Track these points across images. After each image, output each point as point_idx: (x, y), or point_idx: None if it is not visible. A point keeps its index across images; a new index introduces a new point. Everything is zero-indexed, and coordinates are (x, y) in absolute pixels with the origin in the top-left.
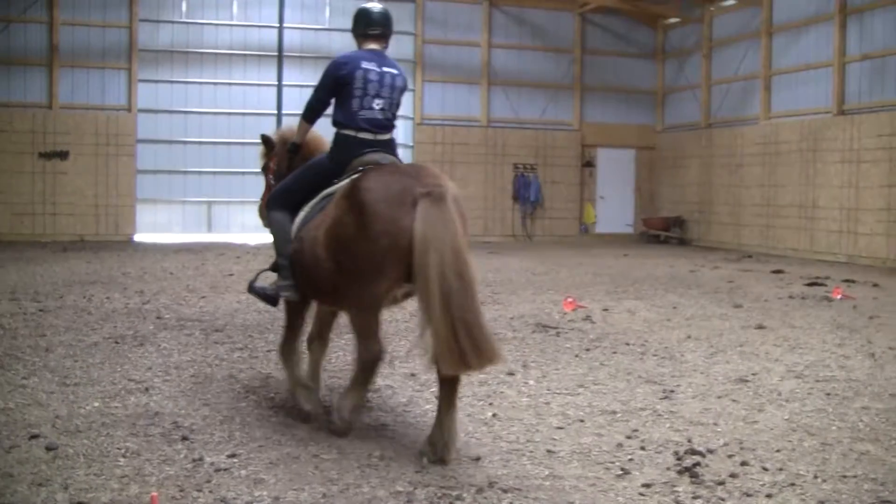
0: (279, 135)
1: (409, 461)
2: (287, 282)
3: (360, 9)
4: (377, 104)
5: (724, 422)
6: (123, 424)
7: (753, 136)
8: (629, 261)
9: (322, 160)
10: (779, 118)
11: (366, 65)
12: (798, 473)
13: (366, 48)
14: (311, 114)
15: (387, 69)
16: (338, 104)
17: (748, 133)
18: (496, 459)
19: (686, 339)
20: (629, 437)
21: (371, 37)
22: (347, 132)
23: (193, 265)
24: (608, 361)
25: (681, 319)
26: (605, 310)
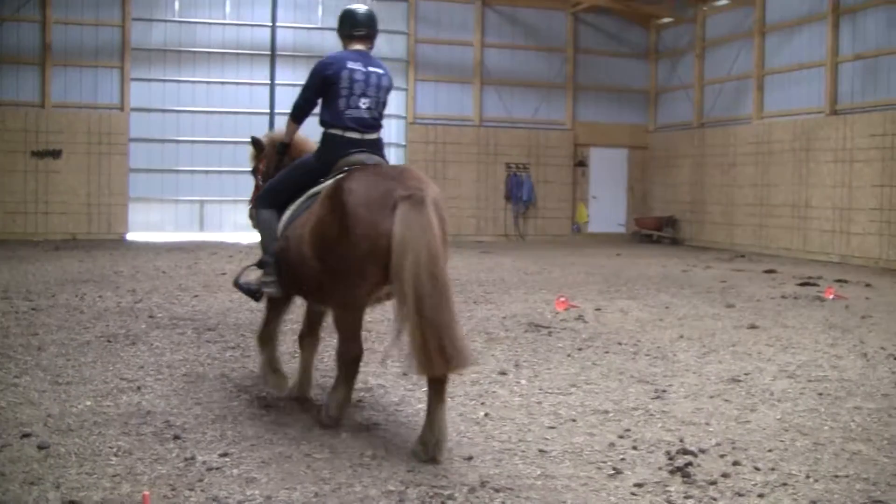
0: (268, 137)
1: (401, 460)
2: (271, 279)
3: (346, 10)
4: (363, 103)
5: (717, 421)
6: (115, 423)
7: (746, 136)
8: (621, 260)
9: (309, 159)
10: (772, 118)
11: (351, 65)
12: (790, 473)
13: (351, 49)
14: (299, 114)
15: (372, 69)
16: (324, 104)
17: (741, 133)
18: (488, 459)
19: (678, 339)
20: (621, 437)
21: (356, 37)
22: (335, 131)
23: (186, 264)
24: (600, 361)
25: (673, 319)
26: (598, 309)
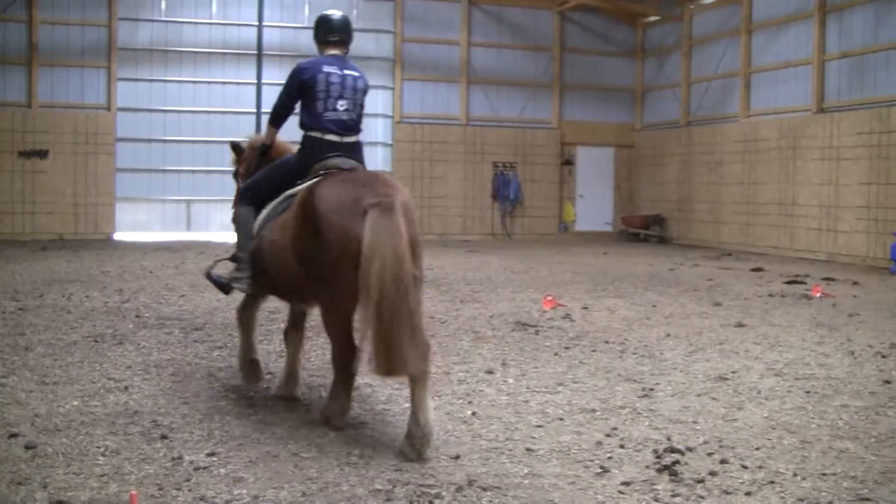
0: (248, 142)
1: (389, 459)
2: (243, 275)
3: (321, 16)
4: (341, 105)
5: (704, 420)
6: (103, 423)
7: (733, 134)
8: (609, 259)
9: (290, 160)
10: (758, 116)
11: (327, 68)
12: (777, 471)
13: (327, 54)
14: (277, 118)
15: (348, 72)
16: (303, 107)
17: (728, 131)
18: (475, 458)
19: (665, 338)
20: (608, 436)
21: (331, 43)
22: (314, 134)
23: (173, 264)
24: (587, 359)
25: (660, 317)
26: (585, 308)
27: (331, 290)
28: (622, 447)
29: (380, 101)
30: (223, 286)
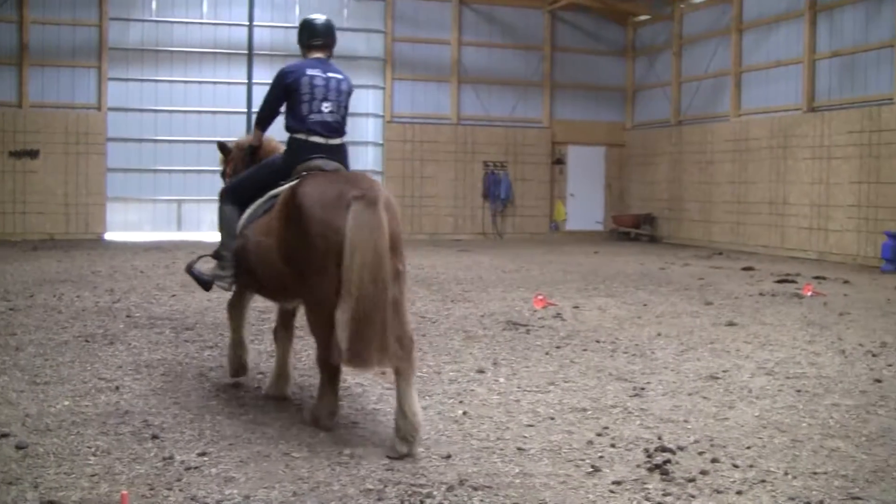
0: (236, 143)
1: (380, 459)
2: (225, 273)
3: (304, 21)
4: (326, 107)
5: (695, 419)
6: (94, 423)
7: (724, 133)
8: (599, 258)
9: (276, 160)
10: (749, 115)
11: (311, 72)
12: (768, 470)
13: (310, 57)
14: (262, 121)
15: (332, 74)
16: (288, 110)
17: (718, 130)
18: (466, 457)
19: (656, 337)
20: (599, 435)
21: (315, 47)
22: (299, 136)
23: (164, 263)
24: (578, 359)
25: (651, 317)
26: (576, 307)
27: (315, 287)
28: (613, 446)
29: (370, 101)
30: (205, 283)
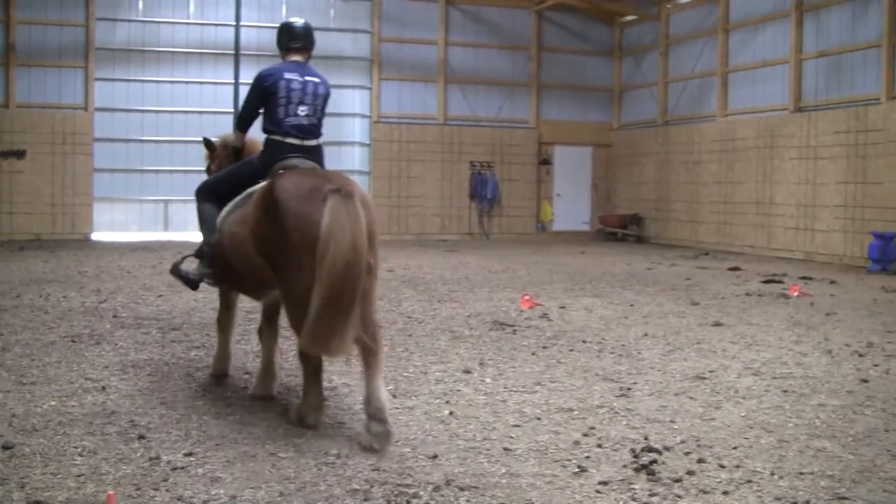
0: (221, 139)
1: (366, 459)
2: (208, 269)
3: (283, 24)
4: (302, 111)
5: (681, 419)
6: (80, 423)
7: (710, 134)
8: (586, 258)
9: (253, 160)
10: (736, 115)
11: (288, 75)
12: (755, 470)
13: (289, 60)
14: (242, 123)
15: (309, 78)
16: (266, 113)
17: (705, 130)
18: (453, 457)
19: (643, 337)
20: (586, 435)
21: (293, 49)
22: (275, 137)
23: (150, 264)
24: (565, 359)
25: (638, 317)
26: (562, 307)
27: (293, 281)
28: (600, 446)
29: (357, 101)
30: (191, 281)
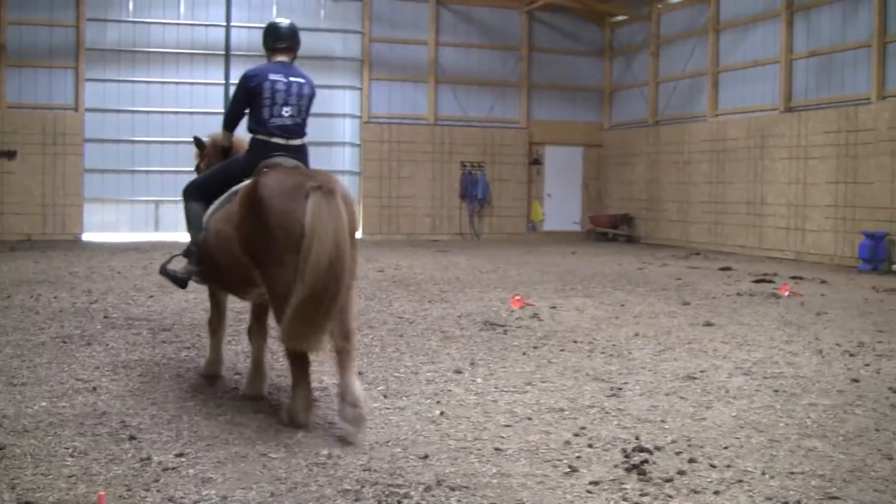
0: (210, 138)
1: (358, 459)
2: (196, 268)
3: (269, 24)
4: (286, 111)
5: (672, 419)
6: (71, 424)
7: (701, 134)
8: (577, 258)
9: (239, 159)
10: (726, 115)
11: (273, 76)
12: (746, 470)
13: (274, 60)
14: (229, 123)
15: (294, 79)
16: (251, 113)
17: (696, 130)
18: (444, 457)
19: (634, 337)
20: (577, 435)
21: (279, 50)
22: (260, 137)
23: (141, 264)
24: (556, 359)
25: (629, 317)
26: (553, 307)
27: (276, 278)
28: (591, 446)
29: (347, 102)
30: (179, 280)
